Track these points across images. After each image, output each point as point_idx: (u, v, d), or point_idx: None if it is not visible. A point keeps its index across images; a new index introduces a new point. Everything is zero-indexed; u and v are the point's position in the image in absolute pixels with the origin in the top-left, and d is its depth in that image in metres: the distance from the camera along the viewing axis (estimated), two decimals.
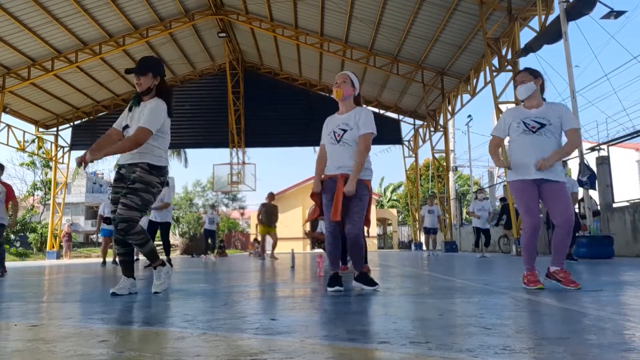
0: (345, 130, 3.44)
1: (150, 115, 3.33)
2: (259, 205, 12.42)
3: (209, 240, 15.02)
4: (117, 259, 9.99)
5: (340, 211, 3.28)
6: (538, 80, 3.45)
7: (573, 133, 3.33)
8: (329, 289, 3.36)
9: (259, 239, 14.40)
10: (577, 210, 8.59)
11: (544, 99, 3.48)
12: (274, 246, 12.30)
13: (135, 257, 10.76)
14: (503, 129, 3.52)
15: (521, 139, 3.38)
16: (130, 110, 3.53)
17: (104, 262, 10.19)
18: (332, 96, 3.65)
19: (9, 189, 6.90)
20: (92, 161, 3.31)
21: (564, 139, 3.43)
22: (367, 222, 3.46)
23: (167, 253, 8.93)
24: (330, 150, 3.52)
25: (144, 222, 13.75)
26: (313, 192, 3.57)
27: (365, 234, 3.78)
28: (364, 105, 3.71)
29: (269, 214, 12.00)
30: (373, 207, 31.29)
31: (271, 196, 12.21)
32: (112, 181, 3.52)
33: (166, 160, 3.51)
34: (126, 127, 3.49)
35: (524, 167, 3.34)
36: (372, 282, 3.49)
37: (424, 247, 13.33)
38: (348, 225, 3.33)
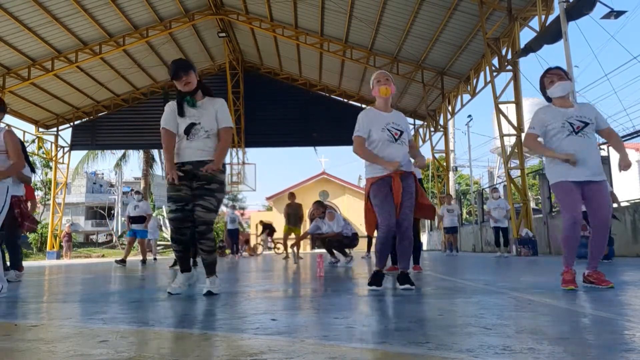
0: (401, 132, 3.56)
1: (228, 115, 3.49)
2: (284, 207, 12.23)
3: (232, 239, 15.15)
4: (118, 260, 9.97)
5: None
6: (570, 81, 3.47)
7: (611, 131, 3.42)
8: (370, 287, 3.45)
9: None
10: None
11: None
12: (298, 247, 12.10)
13: (142, 258, 10.62)
14: (539, 126, 3.39)
15: (569, 140, 3.29)
16: (181, 113, 3.39)
17: (124, 261, 9.89)
18: (375, 94, 3.63)
19: (29, 189, 7.02)
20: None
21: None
22: (428, 210, 3.71)
23: (194, 255, 8.68)
24: (387, 147, 3.50)
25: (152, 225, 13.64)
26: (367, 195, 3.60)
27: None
28: (369, 107, 3.84)
29: (295, 215, 11.91)
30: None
31: (293, 195, 12.16)
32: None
33: None
34: (192, 125, 3.35)
35: (573, 169, 3.27)
36: (410, 282, 3.51)
37: (441, 247, 13.26)
38: (401, 218, 3.46)
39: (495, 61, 12.78)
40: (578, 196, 3.29)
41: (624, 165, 3.20)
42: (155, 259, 13.85)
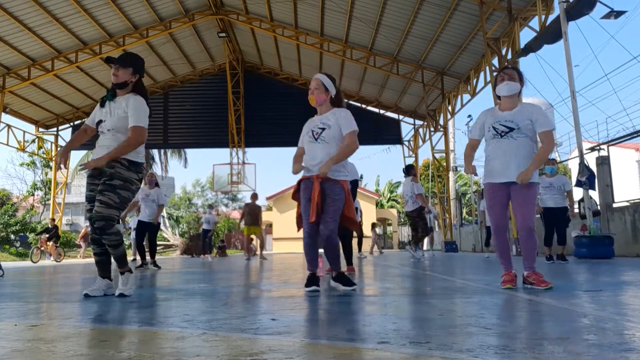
0: (323, 129, 3.44)
1: (139, 113, 3.28)
2: (243, 206, 12.61)
3: (206, 240, 15.08)
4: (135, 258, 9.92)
5: (316, 212, 3.30)
6: (522, 84, 3.43)
7: (546, 136, 3.28)
8: (306, 289, 3.38)
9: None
10: (576, 210, 8.57)
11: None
12: (262, 247, 12.57)
13: (132, 258, 10.62)
14: (478, 130, 3.51)
15: (493, 144, 3.39)
16: (102, 105, 3.40)
17: (135, 260, 9.86)
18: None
19: None
20: (95, 168, 3.26)
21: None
22: (351, 223, 3.52)
23: (152, 255, 8.55)
24: (308, 148, 3.51)
25: (133, 222, 13.56)
26: (294, 191, 3.59)
27: (355, 234, 3.79)
28: (346, 102, 3.75)
29: (252, 215, 12.31)
30: (373, 207, 31.25)
31: (255, 196, 12.55)
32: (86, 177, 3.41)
33: (143, 157, 3.44)
34: (100, 122, 3.37)
35: (494, 172, 3.38)
36: (349, 282, 3.45)
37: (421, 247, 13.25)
38: (321, 225, 3.34)
39: (495, 61, 12.79)
40: (501, 199, 3.39)
41: (520, 178, 3.21)
42: (134, 259, 13.72)
